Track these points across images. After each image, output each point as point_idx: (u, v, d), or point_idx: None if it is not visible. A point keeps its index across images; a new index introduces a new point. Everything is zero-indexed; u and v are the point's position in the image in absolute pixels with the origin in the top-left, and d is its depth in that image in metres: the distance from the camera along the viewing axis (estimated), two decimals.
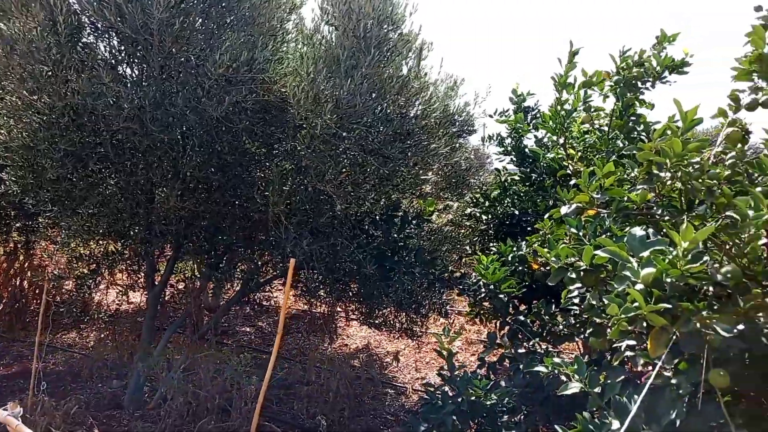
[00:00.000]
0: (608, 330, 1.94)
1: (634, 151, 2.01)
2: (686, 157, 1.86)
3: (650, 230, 1.81)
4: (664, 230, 1.94)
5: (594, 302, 1.93)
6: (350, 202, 3.44)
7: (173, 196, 3.03)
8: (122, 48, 3.10)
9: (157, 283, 4.07)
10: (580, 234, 2.12)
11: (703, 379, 1.69)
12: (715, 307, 1.65)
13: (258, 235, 3.88)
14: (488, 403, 2.34)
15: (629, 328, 1.54)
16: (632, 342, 1.89)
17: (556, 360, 1.87)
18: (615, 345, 1.96)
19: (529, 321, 3.20)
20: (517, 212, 4.35)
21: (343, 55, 3.02)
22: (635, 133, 3.10)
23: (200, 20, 3.09)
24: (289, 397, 4.23)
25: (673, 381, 1.93)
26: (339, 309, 5.57)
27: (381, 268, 3.38)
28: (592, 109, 3.39)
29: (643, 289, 1.53)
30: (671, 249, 1.64)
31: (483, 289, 3.12)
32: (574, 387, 1.76)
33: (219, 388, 3.35)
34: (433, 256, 3.55)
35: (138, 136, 2.88)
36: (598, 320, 1.91)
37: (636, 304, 1.49)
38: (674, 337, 1.54)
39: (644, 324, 1.53)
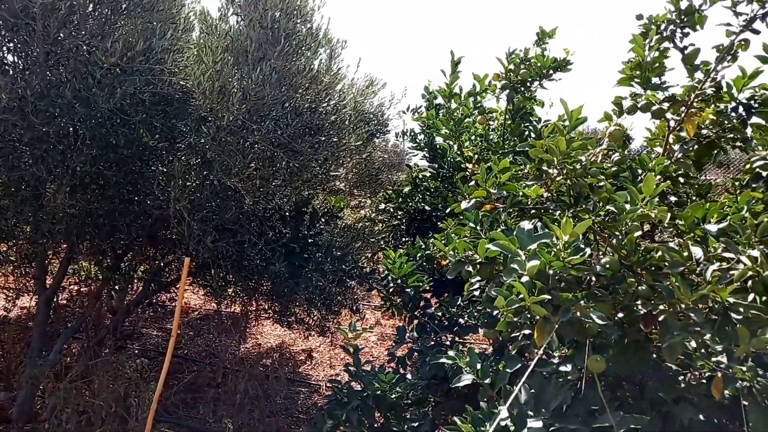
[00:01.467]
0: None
1: (527, 148, 2.09)
2: (572, 154, 1.96)
3: (539, 224, 1.90)
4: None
5: (489, 294, 1.99)
6: (259, 197, 3.36)
7: (62, 193, 2.82)
8: (2, 33, 2.84)
9: (49, 285, 3.78)
10: (478, 228, 2.18)
11: (585, 366, 1.80)
12: (597, 296, 1.76)
13: (162, 233, 3.71)
14: (393, 396, 2.37)
15: (515, 319, 1.60)
16: (528, 331, 1.97)
17: (451, 353, 1.91)
18: (514, 335, 2.04)
19: (437, 314, 3.28)
20: (428, 207, 4.43)
21: (251, 47, 2.94)
22: (527, 132, 3.24)
23: (92, 5, 2.89)
24: (196, 400, 4.08)
25: (562, 368, 2.05)
26: (252, 308, 5.44)
27: (290, 265, 3.33)
28: (487, 111, 3.52)
29: (528, 281, 1.59)
30: (556, 242, 1.72)
31: (391, 284, 3.15)
32: (467, 378, 1.81)
33: (115, 395, 3.16)
34: (344, 253, 3.54)
35: (19, 128, 2.65)
36: (490, 311, 1.98)
37: (521, 295, 1.55)
38: (557, 326, 1.62)
39: (528, 315, 1.60)
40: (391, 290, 3.19)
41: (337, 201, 3.57)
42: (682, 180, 2.96)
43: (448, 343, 3.14)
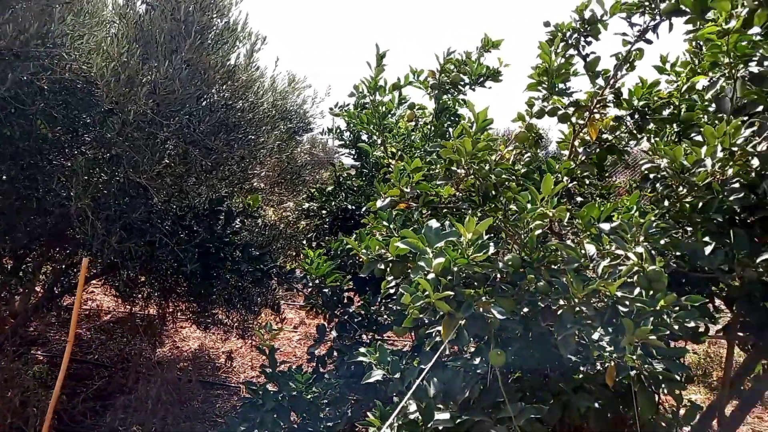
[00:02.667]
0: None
1: (438, 149, 2.13)
2: (478, 155, 2.01)
3: (446, 222, 1.94)
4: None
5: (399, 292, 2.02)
6: (171, 195, 3.23)
7: None
8: None
9: None
10: (391, 226, 2.20)
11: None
12: (500, 292, 1.82)
13: (68, 232, 3.48)
14: (309, 396, 2.35)
15: (421, 316, 1.63)
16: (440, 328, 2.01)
17: (362, 350, 1.92)
18: (429, 331, 2.07)
19: (358, 312, 3.28)
20: (351, 206, 4.42)
21: (161, 38, 2.81)
22: (449, 133, 3.31)
23: None
24: (105, 408, 3.86)
25: (472, 362, 2.10)
26: (169, 309, 5.23)
27: (205, 266, 3.22)
28: (416, 107, 3.57)
29: (433, 278, 1.63)
30: (462, 240, 1.77)
31: (310, 284, 3.13)
32: (377, 375, 1.82)
33: (11, 405, 2.94)
34: (262, 252, 3.47)
35: None
36: (401, 309, 2.00)
37: (426, 292, 1.58)
38: (462, 321, 1.66)
39: (434, 311, 1.63)
40: (310, 290, 3.17)
41: (252, 200, 3.49)
42: (587, 181, 3.13)
43: (367, 341, 3.15)
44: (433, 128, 3.26)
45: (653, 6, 2.51)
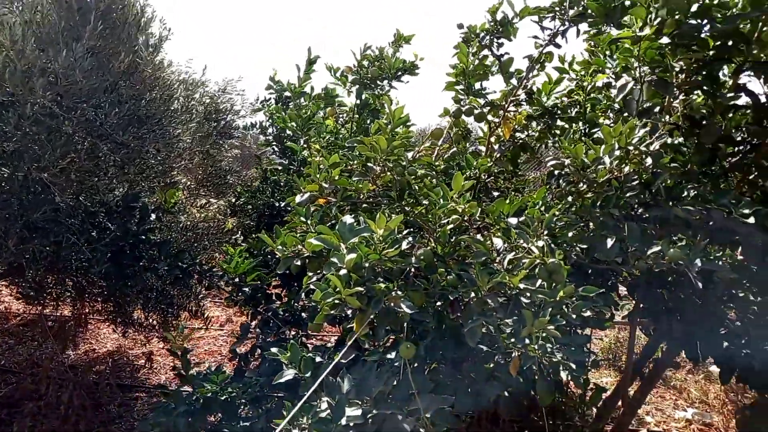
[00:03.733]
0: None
1: (355, 144, 2.14)
2: (395, 152, 2.04)
3: (361, 218, 1.95)
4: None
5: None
6: (79, 191, 3.06)
7: None
8: None
9: None
10: (308, 222, 2.19)
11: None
12: (411, 286, 1.86)
13: None
14: (224, 397, 2.30)
15: (332, 312, 1.63)
16: None
17: (274, 349, 1.90)
18: (350, 326, 2.08)
19: (280, 309, 3.25)
20: (278, 203, 4.36)
21: (61, 25, 2.64)
22: (370, 128, 3.32)
23: None
24: (12, 416, 3.63)
25: (388, 356, 2.13)
26: (86, 310, 4.97)
27: (119, 265, 3.08)
28: (338, 104, 3.56)
29: (345, 274, 1.63)
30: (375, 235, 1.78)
31: (230, 282, 3.06)
32: (288, 374, 1.81)
33: None
34: (181, 250, 3.35)
35: None
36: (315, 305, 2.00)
37: (338, 288, 1.58)
38: (373, 316, 1.68)
39: (346, 307, 1.64)
40: (230, 288, 3.10)
41: (170, 194, 3.37)
42: (502, 177, 3.23)
43: (291, 337, 3.13)
44: (354, 124, 3.26)
45: (563, 12, 2.63)
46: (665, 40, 2.05)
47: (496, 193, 3.13)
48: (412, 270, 1.96)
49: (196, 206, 4.20)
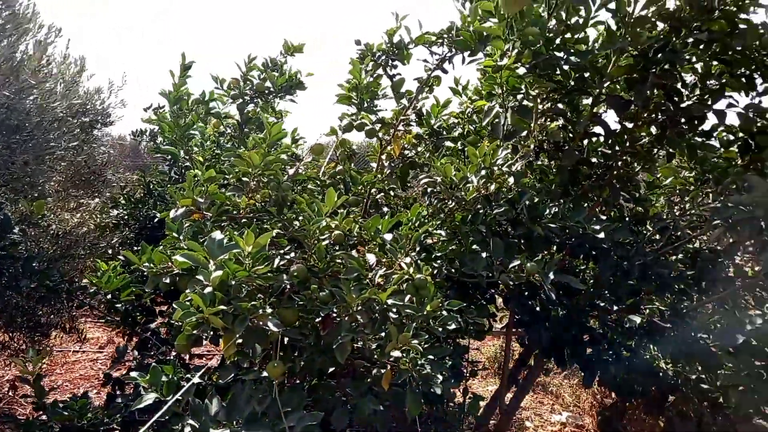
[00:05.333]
0: None
1: (232, 158, 2.10)
2: (272, 167, 2.02)
3: (236, 233, 1.91)
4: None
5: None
6: None
7: None
8: None
9: None
10: (180, 238, 2.10)
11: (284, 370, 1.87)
12: (283, 303, 1.84)
13: None
14: (82, 424, 2.13)
15: (194, 332, 1.57)
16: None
17: (134, 373, 1.81)
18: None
19: (160, 328, 3.09)
20: (159, 215, 4.16)
21: None
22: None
23: None
24: None
25: (265, 374, 2.08)
26: None
27: None
28: (223, 115, 3.47)
29: (210, 293, 1.58)
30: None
31: (103, 300, 2.87)
32: (148, 399, 1.72)
33: None
34: (49, 266, 3.10)
35: None
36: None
37: (200, 307, 1.53)
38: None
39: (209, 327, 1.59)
40: (103, 306, 2.91)
41: (37, 206, 3.10)
42: (392, 193, 3.31)
43: (171, 358, 2.98)
44: (237, 139, 3.20)
45: (450, 39, 2.75)
46: (528, 69, 2.20)
47: (386, 209, 3.20)
48: (288, 287, 1.94)
49: (67, 209, 3.89)
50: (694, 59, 2.18)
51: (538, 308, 2.83)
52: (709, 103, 2.18)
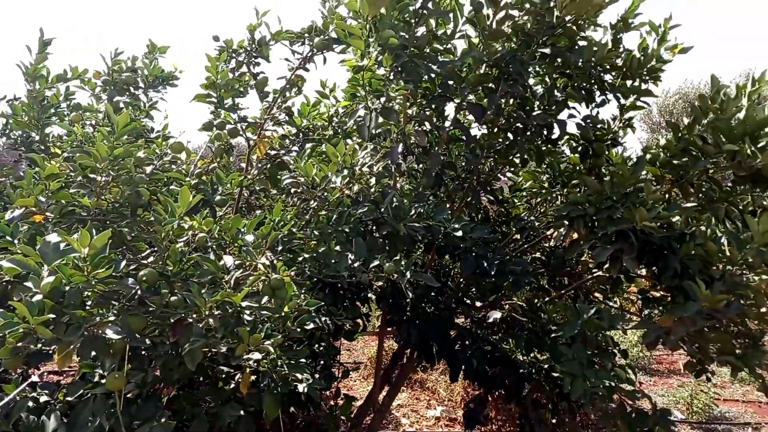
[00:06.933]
0: None
1: (78, 153, 1.93)
2: (121, 162, 1.89)
3: (75, 235, 1.76)
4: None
5: None
6: None
7: None
8: None
9: None
10: (15, 242, 1.90)
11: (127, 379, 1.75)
12: (130, 310, 1.72)
13: None
14: None
15: (20, 344, 1.42)
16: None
17: None
18: None
19: None
20: None
21: None
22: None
23: None
24: None
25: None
26: None
27: None
28: (82, 109, 3.22)
29: (39, 300, 1.44)
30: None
31: None
32: None
33: None
34: None
35: None
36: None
37: (26, 317, 1.39)
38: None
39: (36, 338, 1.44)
40: None
41: None
42: (263, 194, 3.24)
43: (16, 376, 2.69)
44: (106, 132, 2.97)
45: (311, 39, 2.75)
46: (393, 73, 2.26)
47: (258, 211, 3.13)
48: (140, 292, 1.83)
49: None
50: (542, 72, 2.36)
51: (408, 307, 2.92)
52: (555, 113, 2.37)
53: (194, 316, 1.67)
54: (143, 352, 1.89)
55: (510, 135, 2.59)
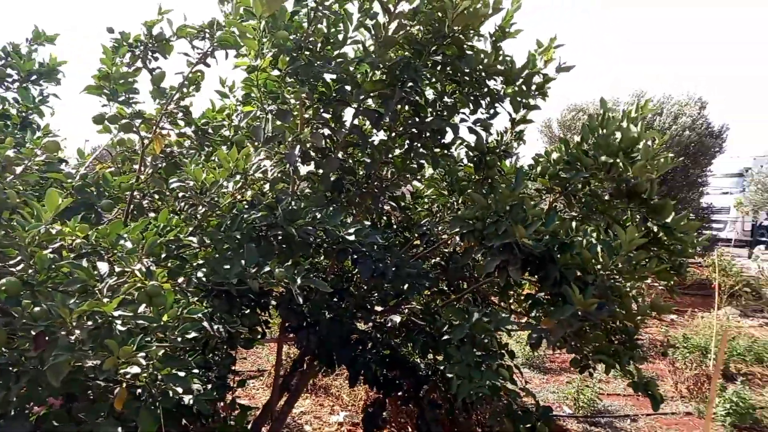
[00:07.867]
0: None
1: None
2: None
3: None
4: None
5: None
6: None
7: None
8: None
9: None
10: None
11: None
12: None
13: None
14: None
15: None
16: None
17: None
18: None
19: None
20: None
21: None
22: None
23: None
24: None
25: None
26: None
27: None
28: None
29: None
30: None
31: None
32: None
33: None
34: None
35: None
36: None
37: None
38: None
39: None
40: None
41: None
42: (157, 196, 3.08)
43: None
44: None
45: (211, 34, 2.66)
46: (288, 75, 2.23)
47: (152, 214, 2.97)
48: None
49: None
50: (434, 79, 2.43)
51: (307, 313, 2.88)
52: (446, 117, 2.44)
53: (60, 327, 1.55)
54: (10, 368, 1.74)
55: (407, 141, 2.64)
